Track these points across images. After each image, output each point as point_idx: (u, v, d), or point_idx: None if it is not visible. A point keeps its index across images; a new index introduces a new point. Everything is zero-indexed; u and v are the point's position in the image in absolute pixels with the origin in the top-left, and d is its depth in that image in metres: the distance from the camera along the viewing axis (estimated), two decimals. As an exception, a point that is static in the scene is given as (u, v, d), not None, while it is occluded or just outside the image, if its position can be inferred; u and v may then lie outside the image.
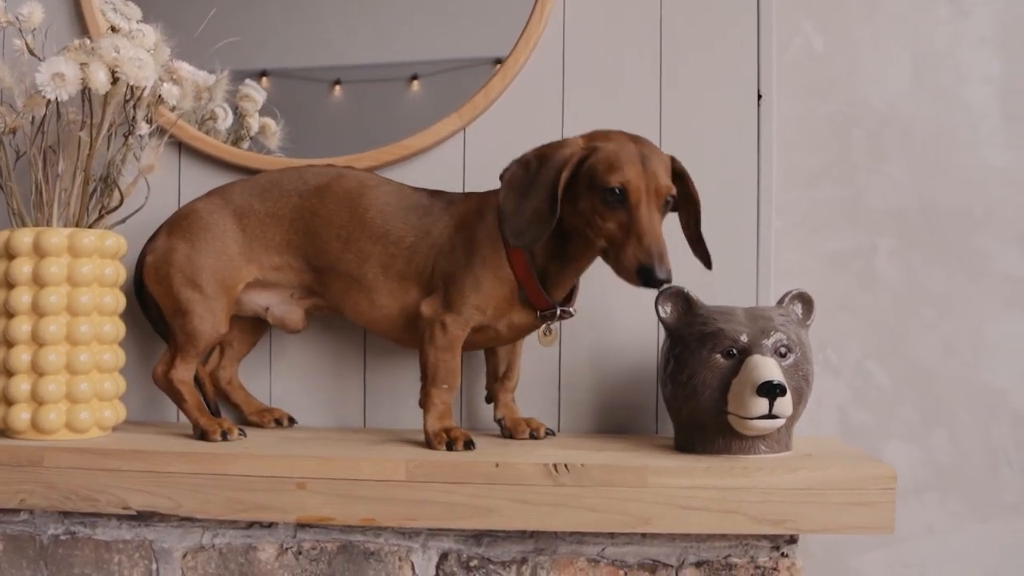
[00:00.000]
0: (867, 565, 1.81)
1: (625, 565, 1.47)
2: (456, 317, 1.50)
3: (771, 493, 1.37)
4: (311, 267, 1.61)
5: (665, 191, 1.43)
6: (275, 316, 1.66)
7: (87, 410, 1.54)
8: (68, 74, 1.45)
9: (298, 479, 1.42)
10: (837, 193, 1.80)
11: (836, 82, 1.80)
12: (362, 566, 1.50)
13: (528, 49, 1.69)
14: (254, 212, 1.62)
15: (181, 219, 1.63)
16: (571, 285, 1.55)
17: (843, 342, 1.81)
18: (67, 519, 1.55)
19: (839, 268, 1.80)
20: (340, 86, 1.79)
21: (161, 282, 1.61)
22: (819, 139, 1.80)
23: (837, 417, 1.81)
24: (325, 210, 1.60)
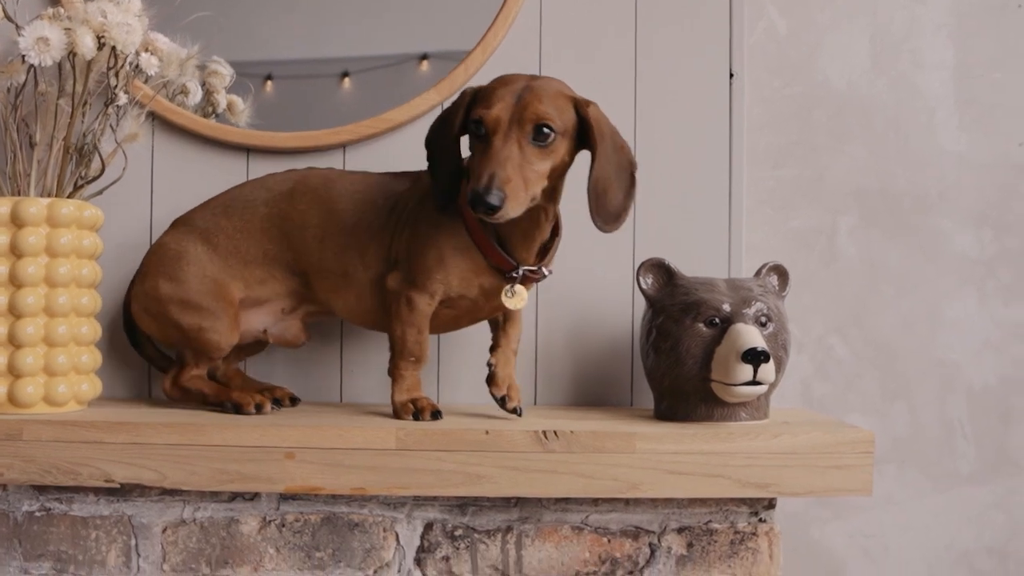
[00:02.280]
0: (829, 536, 1.85)
1: (608, 532, 1.49)
2: (420, 292, 1.49)
3: (755, 457, 1.40)
4: (294, 273, 1.60)
5: (534, 118, 1.37)
6: (275, 335, 1.64)
7: (65, 383, 1.51)
8: (52, 39, 1.42)
9: (287, 449, 1.41)
10: (800, 172, 1.85)
11: (799, 64, 1.85)
12: (346, 537, 1.50)
13: (507, 24, 1.70)
14: (222, 230, 1.59)
15: (152, 257, 1.61)
16: (535, 242, 1.50)
17: (806, 317, 1.85)
18: (42, 495, 1.52)
19: (802, 245, 1.85)
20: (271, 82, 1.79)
21: (158, 319, 1.59)
22: (783, 120, 1.85)
23: (800, 391, 1.85)
24: (295, 212, 1.59)
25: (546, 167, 1.39)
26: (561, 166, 1.42)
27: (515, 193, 1.35)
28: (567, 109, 1.41)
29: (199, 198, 1.69)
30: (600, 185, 1.42)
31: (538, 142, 1.38)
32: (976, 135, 1.84)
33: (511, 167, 1.35)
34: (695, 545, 1.49)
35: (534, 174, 1.38)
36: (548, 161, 1.39)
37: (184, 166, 1.76)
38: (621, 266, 1.63)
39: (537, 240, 1.49)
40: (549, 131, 1.38)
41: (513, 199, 1.34)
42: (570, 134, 1.41)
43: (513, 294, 1.48)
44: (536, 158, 1.38)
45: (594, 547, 1.49)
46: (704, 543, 1.49)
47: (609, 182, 1.43)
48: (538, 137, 1.38)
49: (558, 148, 1.40)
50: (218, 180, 1.74)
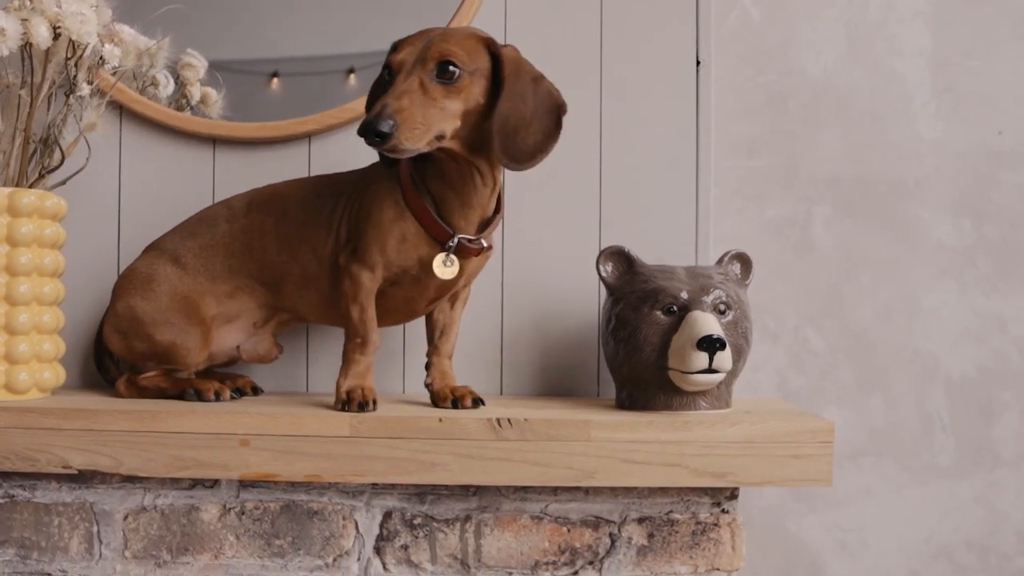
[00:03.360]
0: (806, 529, 1.83)
1: (568, 522, 1.48)
2: (361, 266, 1.48)
3: (712, 447, 1.39)
4: (261, 283, 1.60)
5: (436, 56, 1.37)
6: (248, 351, 1.65)
7: (26, 371, 1.53)
8: (8, 29, 1.44)
9: (241, 436, 1.42)
10: (773, 161, 1.83)
11: (772, 52, 1.83)
12: (306, 525, 1.50)
13: (470, 15, 1.70)
14: (189, 250, 1.61)
15: (124, 282, 1.62)
16: (473, 210, 1.48)
17: (780, 308, 1.83)
18: (6, 482, 1.53)
19: (776, 235, 1.83)
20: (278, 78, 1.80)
21: (128, 337, 1.59)
22: (756, 108, 1.83)
23: (775, 382, 1.84)
24: (252, 224, 1.60)
25: (456, 106, 1.38)
26: (476, 109, 1.40)
27: (408, 123, 1.33)
28: (477, 49, 1.41)
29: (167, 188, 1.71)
30: (510, 123, 1.40)
31: (443, 79, 1.37)
32: (954, 123, 1.82)
33: (406, 99, 1.35)
34: (656, 535, 1.48)
35: (438, 111, 1.37)
36: (457, 101, 1.38)
37: (151, 157, 1.77)
38: (587, 254, 1.62)
39: (475, 208, 1.48)
40: (454, 68, 1.37)
41: (407, 129, 1.33)
42: (483, 74, 1.40)
43: (451, 263, 1.47)
44: (441, 96, 1.37)
45: (554, 537, 1.49)
46: (665, 533, 1.48)
47: (523, 121, 1.41)
48: (442, 75, 1.37)
49: (468, 87, 1.39)
50: (185, 170, 1.76)
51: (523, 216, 1.73)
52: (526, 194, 1.73)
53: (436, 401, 1.54)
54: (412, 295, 1.52)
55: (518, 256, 1.73)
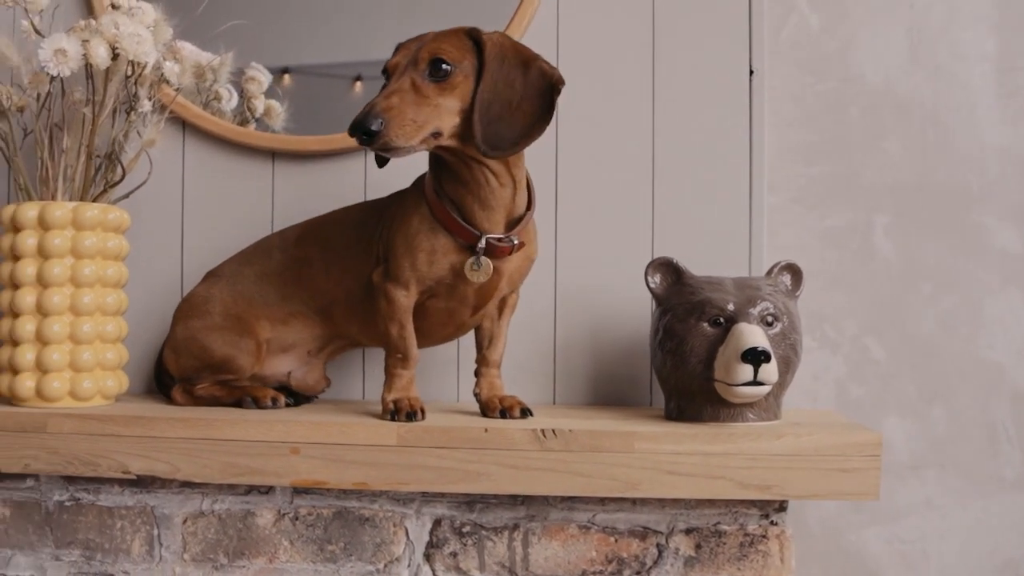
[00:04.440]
0: (865, 541, 1.81)
1: (616, 532, 1.49)
2: (395, 284, 1.50)
3: (757, 459, 1.38)
4: (315, 311, 1.64)
5: (427, 55, 1.39)
6: (297, 379, 1.68)
7: (90, 379, 1.58)
8: (70, 50, 1.49)
9: (292, 444, 1.45)
10: (833, 170, 1.81)
11: (832, 59, 1.81)
12: (357, 531, 1.53)
13: (521, 28, 1.72)
14: (245, 276, 1.66)
15: (184, 306, 1.68)
16: (497, 211, 1.47)
17: (840, 318, 1.82)
18: (71, 485, 1.59)
19: (836, 244, 1.81)
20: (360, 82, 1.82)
21: (187, 353, 1.64)
22: (815, 116, 1.82)
23: (834, 392, 1.82)
24: (301, 253, 1.64)
25: (451, 103, 1.39)
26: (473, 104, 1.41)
27: (398, 120, 1.35)
28: (465, 42, 1.42)
29: (227, 200, 1.76)
30: (493, 108, 1.40)
31: (435, 78, 1.39)
32: (1019, 128, 1.78)
33: (396, 98, 1.36)
34: (703, 546, 1.48)
35: (432, 108, 1.38)
36: (452, 98, 1.39)
37: (213, 170, 1.83)
38: (639, 264, 1.61)
39: (497, 209, 1.47)
40: (446, 66, 1.38)
41: (396, 126, 1.34)
42: (475, 68, 1.41)
43: (479, 266, 1.47)
44: (435, 94, 1.39)
45: (601, 546, 1.49)
46: (712, 544, 1.48)
47: (508, 106, 1.41)
48: (435, 73, 1.39)
49: (463, 84, 1.40)
50: (245, 183, 1.80)
51: (576, 226, 1.74)
52: (579, 204, 1.74)
53: (485, 411, 1.55)
54: (453, 306, 1.53)
55: (571, 266, 1.74)
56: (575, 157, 1.75)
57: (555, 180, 1.75)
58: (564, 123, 1.74)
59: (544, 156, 1.74)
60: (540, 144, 1.68)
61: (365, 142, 1.35)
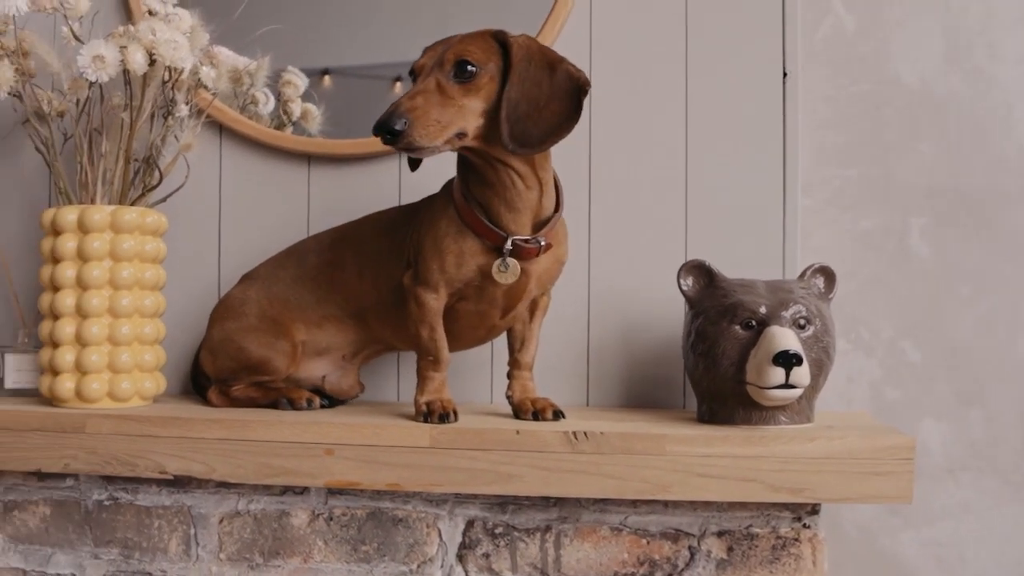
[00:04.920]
0: (901, 545, 1.80)
1: (648, 534, 1.49)
2: (425, 288, 1.51)
3: (789, 462, 1.38)
4: (349, 315, 1.66)
5: (453, 57, 1.40)
6: (331, 383, 1.70)
7: (128, 380, 1.61)
8: (108, 57, 1.52)
9: (326, 445, 1.47)
10: (868, 171, 1.80)
11: (867, 61, 1.81)
12: (391, 532, 1.54)
13: (555, 30, 1.72)
14: (280, 279, 1.68)
15: (219, 308, 1.70)
16: (523, 213, 1.48)
17: (876, 320, 1.81)
18: (110, 485, 1.61)
19: (871, 246, 1.80)
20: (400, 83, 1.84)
21: (223, 354, 1.66)
22: (850, 117, 1.81)
23: (870, 395, 1.81)
24: (336, 258, 1.66)
25: (476, 104, 1.41)
26: (497, 106, 1.42)
27: (422, 120, 1.36)
28: (491, 44, 1.43)
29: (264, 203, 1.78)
30: (520, 108, 1.41)
31: (460, 79, 1.40)
32: (1058, 130, 1.77)
33: (420, 98, 1.37)
34: (735, 549, 1.48)
35: (456, 109, 1.39)
36: (476, 99, 1.41)
37: (249, 173, 1.85)
38: (673, 267, 1.61)
39: (524, 211, 1.48)
40: (471, 67, 1.40)
41: (420, 126, 1.36)
42: (501, 70, 1.42)
43: (506, 268, 1.48)
44: (460, 94, 1.40)
45: (633, 548, 1.50)
46: (745, 547, 1.47)
47: (535, 106, 1.41)
48: (460, 74, 1.40)
49: (488, 85, 1.41)
50: (281, 186, 1.82)
51: (609, 228, 1.75)
52: (612, 206, 1.75)
53: (517, 413, 1.56)
54: (483, 308, 1.54)
55: (604, 268, 1.75)
56: (608, 159, 1.75)
57: (588, 182, 1.75)
58: (597, 125, 1.75)
59: (577, 158, 1.74)
60: (573, 146, 1.71)
61: (389, 141, 1.36)
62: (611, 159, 1.75)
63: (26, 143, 1.82)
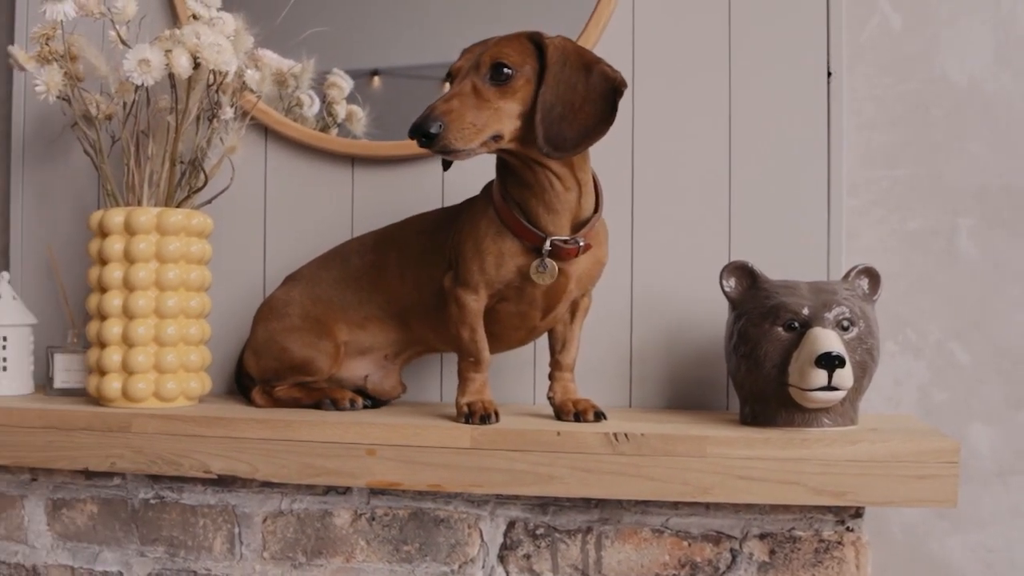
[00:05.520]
0: (949, 548, 1.78)
1: (689, 536, 1.49)
2: (465, 289, 1.51)
3: (831, 465, 1.37)
4: (391, 315, 1.66)
5: (488, 60, 1.40)
6: (374, 383, 1.71)
7: (174, 380, 1.63)
8: (153, 60, 1.53)
9: (368, 445, 1.48)
10: (916, 171, 1.78)
11: (914, 60, 1.78)
12: (432, 532, 1.55)
13: (598, 31, 1.72)
14: (323, 280, 1.69)
15: (263, 309, 1.72)
16: (561, 214, 1.48)
17: (923, 322, 1.78)
18: (156, 484, 1.63)
19: (919, 247, 1.78)
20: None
21: (267, 354, 1.67)
22: (897, 117, 1.79)
23: (917, 398, 1.79)
24: (379, 259, 1.66)
25: (512, 107, 1.41)
26: (534, 108, 1.41)
27: (457, 123, 1.37)
28: (527, 46, 1.43)
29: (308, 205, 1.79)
30: (556, 110, 1.40)
31: (496, 81, 1.40)
32: (1110, 129, 1.74)
33: (456, 101, 1.38)
34: (778, 552, 1.47)
35: (492, 112, 1.40)
36: (512, 102, 1.41)
37: (294, 175, 1.87)
38: (716, 268, 1.60)
39: (562, 212, 1.48)
40: (507, 69, 1.40)
41: (455, 129, 1.36)
42: (537, 72, 1.42)
43: (544, 268, 1.48)
44: (495, 97, 1.40)
45: (674, 550, 1.49)
46: (787, 550, 1.46)
47: (571, 107, 1.41)
48: (496, 77, 1.40)
49: (524, 88, 1.41)
50: (326, 188, 1.83)
51: (652, 229, 1.74)
52: (655, 207, 1.74)
53: (559, 414, 1.56)
54: (523, 309, 1.54)
55: (647, 269, 1.74)
56: (651, 160, 1.74)
57: (631, 183, 1.75)
58: (640, 125, 1.74)
59: (620, 159, 1.74)
60: (616, 147, 1.70)
61: (424, 144, 1.37)
62: (654, 160, 1.74)
63: (75, 146, 1.86)
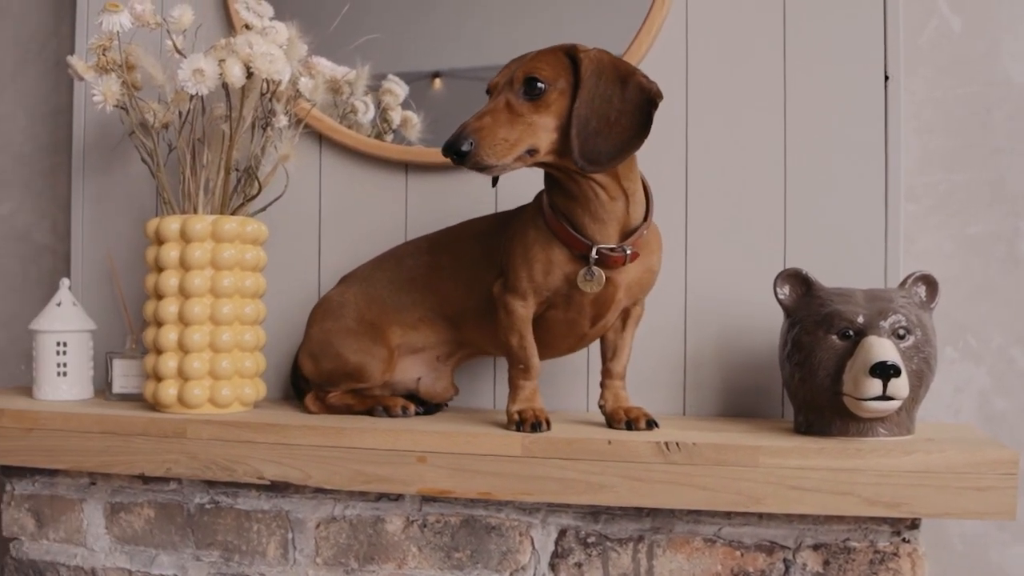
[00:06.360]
0: (1011, 560, 1.75)
1: (742, 546, 1.47)
2: (513, 295, 1.52)
3: (886, 476, 1.35)
4: (444, 317, 1.67)
5: (522, 75, 1.40)
6: (426, 386, 1.71)
7: (228, 386, 1.64)
8: (207, 70, 1.55)
9: (419, 453, 1.48)
10: (976, 176, 1.75)
11: (975, 62, 1.75)
12: (484, 540, 1.55)
13: (650, 37, 1.71)
14: (378, 281, 1.70)
15: (318, 309, 1.72)
16: (607, 224, 1.47)
17: (984, 328, 1.75)
18: (211, 489, 1.65)
19: (979, 252, 1.75)
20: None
21: (322, 357, 1.68)
22: (957, 121, 1.76)
23: (977, 405, 1.76)
24: (433, 261, 1.67)
25: (546, 121, 1.40)
26: (569, 121, 1.41)
27: (488, 139, 1.37)
28: (560, 60, 1.42)
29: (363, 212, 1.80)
30: (591, 124, 1.40)
31: (529, 96, 1.40)
32: None
33: (488, 118, 1.39)
34: (832, 563, 1.45)
35: (525, 126, 1.40)
36: (547, 116, 1.40)
37: (348, 182, 1.88)
38: (771, 275, 1.58)
39: (609, 222, 1.47)
40: (540, 84, 1.40)
41: (487, 145, 1.37)
42: (571, 85, 1.41)
43: (591, 276, 1.48)
44: (529, 111, 1.40)
45: (726, 560, 1.48)
46: (841, 561, 1.45)
47: (606, 121, 1.40)
48: (529, 92, 1.40)
49: (558, 101, 1.41)
50: (380, 195, 1.84)
51: (707, 236, 1.73)
52: (709, 213, 1.72)
53: (610, 422, 1.55)
54: (572, 316, 1.54)
55: (701, 277, 1.73)
56: (705, 165, 1.73)
57: (685, 189, 1.73)
58: (694, 131, 1.73)
59: (674, 165, 1.73)
60: (669, 153, 1.70)
61: (457, 161, 1.37)
62: (708, 165, 1.73)
63: (134, 154, 1.88)
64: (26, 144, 2.20)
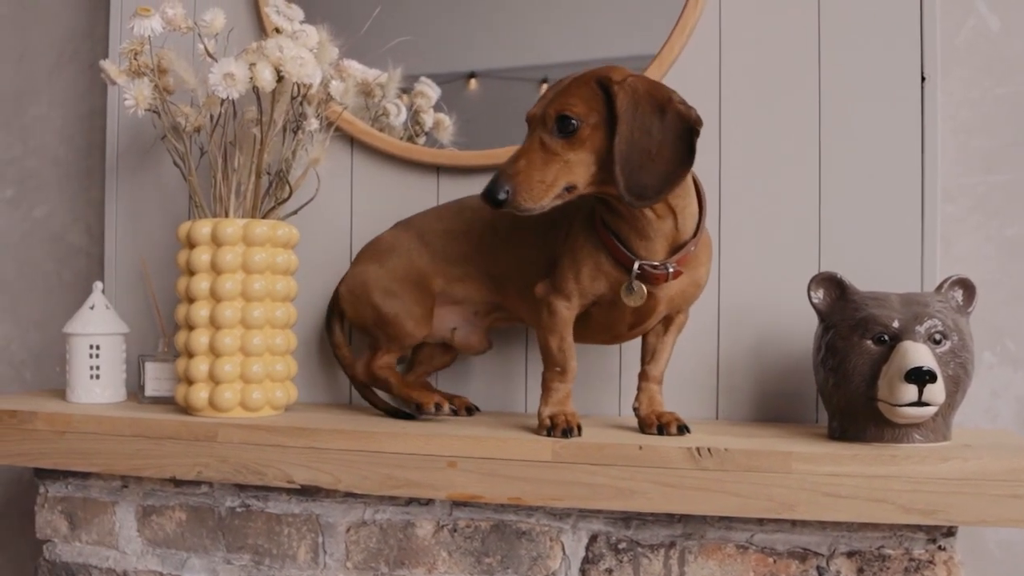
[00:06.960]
0: (1050, 567, 1.73)
1: (774, 553, 1.46)
2: (558, 296, 1.52)
3: (921, 482, 1.33)
4: (489, 275, 1.67)
5: (554, 112, 1.39)
6: (460, 337, 1.72)
7: (259, 390, 1.64)
8: (237, 74, 1.55)
9: (449, 458, 1.47)
10: (1016, 176, 1.72)
11: (1013, 61, 1.73)
12: (514, 545, 1.54)
13: (683, 38, 1.70)
14: (433, 230, 1.70)
15: (368, 248, 1.73)
16: (653, 240, 1.46)
17: (1022, 331, 1.73)
18: (242, 492, 1.65)
19: (1018, 255, 1.72)
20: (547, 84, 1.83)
21: (359, 301, 1.69)
22: (995, 121, 1.73)
23: (1016, 410, 1.73)
24: (496, 222, 1.65)
25: (582, 156, 1.40)
26: (608, 153, 1.40)
27: (525, 184, 1.38)
28: (593, 92, 1.41)
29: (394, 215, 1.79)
30: (633, 159, 1.38)
31: (563, 134, 1.39)
32: None
33: (523, 161, 1.39)
34: (866, 570, 1.43)
35: (561, 165, 1.39)
36: (582, 151, 1.40)
37: (380, 185, 1.87)
38: (805, 279, 1.56)
39: (655, 239, 1.46)
40: (573, 120, 1.39)
41: (524, 190, 1.38)
42: (605, 117, 1.40)
43: (631, 291, 1.47)
44: (564, 149, 1.40)
45: (759, 567, 1.46)
46: (876, 569, 1.43)
47: (647, 154, 1.38)
48: (563, 130, 1.39)
49: (591, 136, 1.40)
50: (411, 197, 1.83)
51: (740, 239, 1.71)
52: (743, 217, 1.71)
53: (643, 427, 1.55)
54: (612, 318, 1.53)
55: (735, 281, 1.71)
56: (739, 168, 1.71)
57: (718, 192, 1.72)
58: (727, 133, 1.71)
59: (707, 167, 1.71)
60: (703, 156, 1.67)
61: (497, 207, 1.39)
62: (742, 168, 1.71)
63: (166, 158, 1.89)
64: (61, 147, 2.21)
